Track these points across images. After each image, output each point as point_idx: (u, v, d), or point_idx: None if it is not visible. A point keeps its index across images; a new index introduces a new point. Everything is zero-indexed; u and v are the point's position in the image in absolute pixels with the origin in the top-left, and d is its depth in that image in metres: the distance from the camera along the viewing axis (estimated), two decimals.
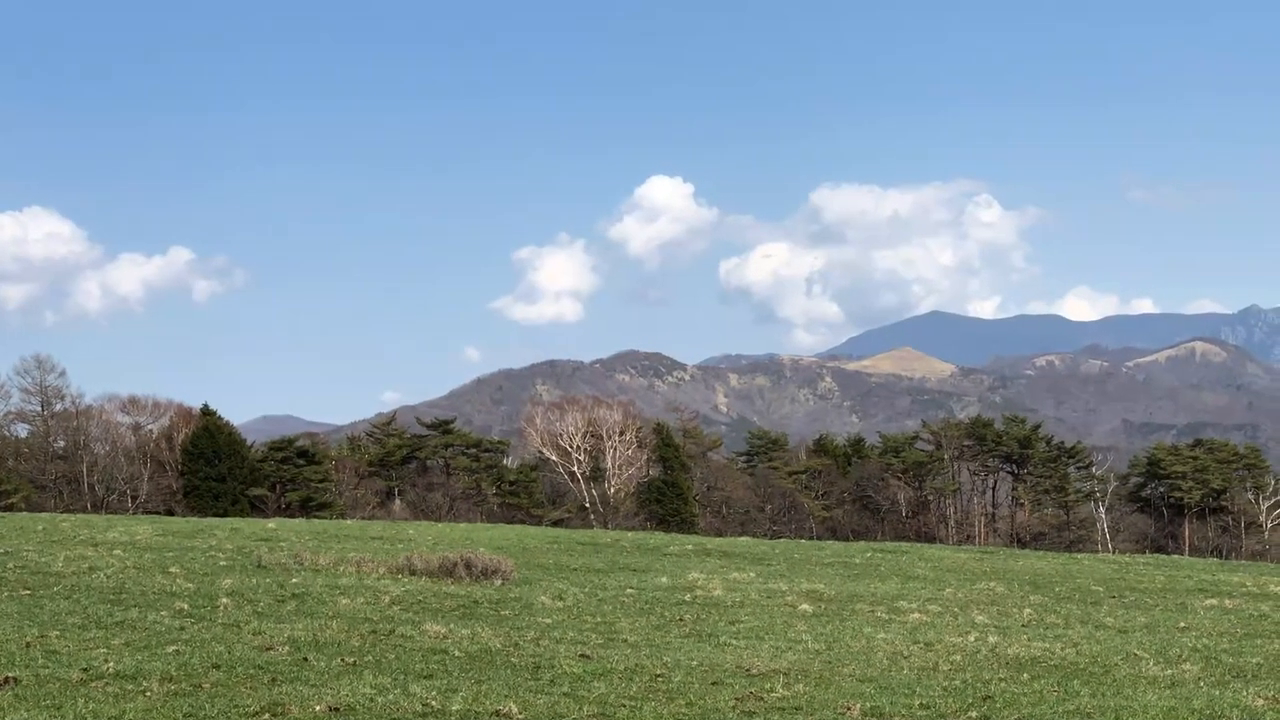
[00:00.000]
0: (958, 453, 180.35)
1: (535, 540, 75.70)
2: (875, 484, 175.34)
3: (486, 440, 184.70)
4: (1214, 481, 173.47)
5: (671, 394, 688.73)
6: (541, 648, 31.30)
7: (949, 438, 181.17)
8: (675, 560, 64.52)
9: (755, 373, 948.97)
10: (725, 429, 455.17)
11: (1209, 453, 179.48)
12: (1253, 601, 53.27)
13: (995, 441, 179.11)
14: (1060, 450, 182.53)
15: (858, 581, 55.35)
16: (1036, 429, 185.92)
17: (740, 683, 27.11)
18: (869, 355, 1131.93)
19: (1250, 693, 27.43)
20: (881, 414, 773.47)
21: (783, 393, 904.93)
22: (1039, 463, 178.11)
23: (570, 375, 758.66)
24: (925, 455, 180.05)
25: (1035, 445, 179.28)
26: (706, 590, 47.50)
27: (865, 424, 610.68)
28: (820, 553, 76.61)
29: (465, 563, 47.72)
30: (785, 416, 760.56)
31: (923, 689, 27.06)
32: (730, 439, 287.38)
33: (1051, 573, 67.02)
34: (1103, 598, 52.85)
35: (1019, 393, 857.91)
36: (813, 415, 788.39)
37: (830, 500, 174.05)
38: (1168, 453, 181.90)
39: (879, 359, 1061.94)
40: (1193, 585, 62.13)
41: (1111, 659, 32.87)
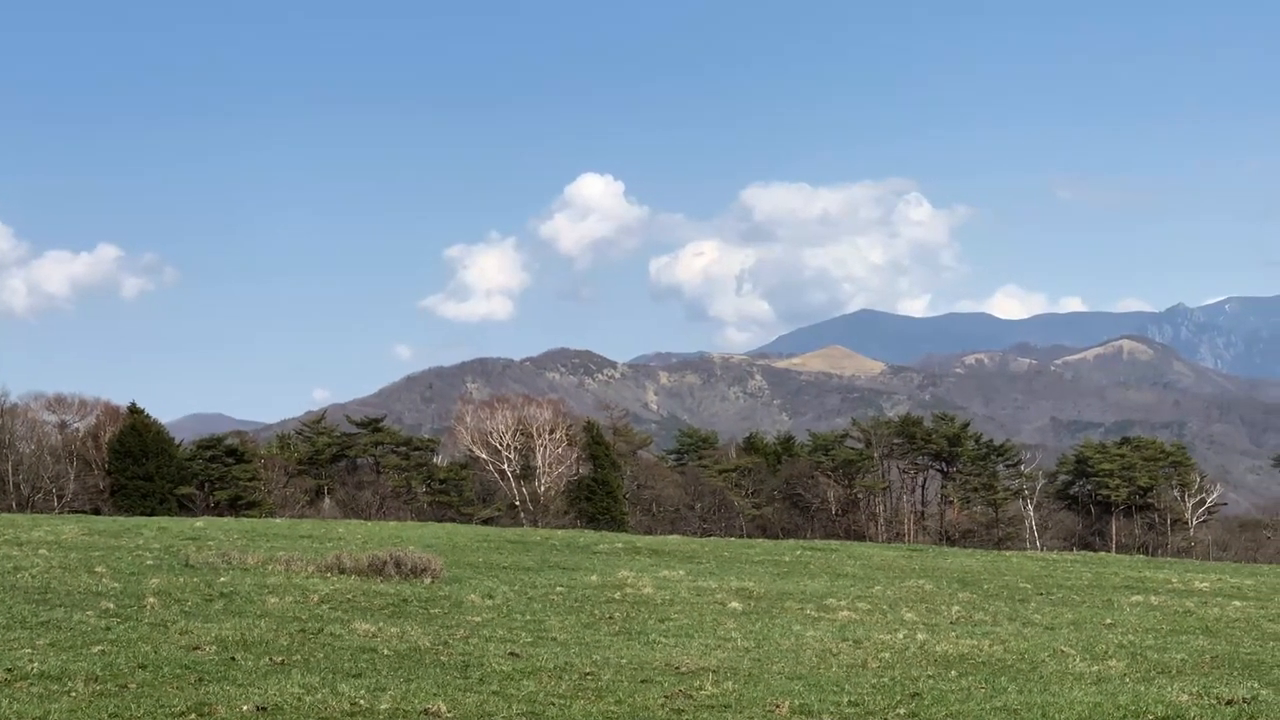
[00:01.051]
0: (887, 451, 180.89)
1: (465, 538, 75.53)
2: (805, 482, 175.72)
3: (416, 438, 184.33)
4: (1141, 479, 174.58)
5: (602, 392, 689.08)
6: (471, 646, 31.26)
7: (878, 436, 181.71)
8: (605, 558, 64.48)
9: (685, 371, 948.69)
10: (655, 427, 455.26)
11: (1136, 451, 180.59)
12: (1178, 598, 53.63)
13: (924, 440, 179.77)
14: (989, 448, 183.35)
15: (787, 579, 55.43)
16: (965, 427, 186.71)
17: (669, 680, 27.12)
18: (799, 353, 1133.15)
19: (1175, 688, 27.61)
20: (811, 412, 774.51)
21: (713, 391, 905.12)
22: (968, 461, 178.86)
23: (501, 373, 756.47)
24: (855, 453, 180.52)
25: (964, 443, 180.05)
26: (636, 588, 47.47)
27: (795, 422, 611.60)
28: (750, 551, 76.69)
29: (395, 561, 47.55)
30: (715, 415, 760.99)
31: (851, 686, 27.12)
32: (660, 437, 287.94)
33: (980, 570, 67.30)
34: (1030, 595, 53.10)
35: (948, 391, 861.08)
36: (743, 413, 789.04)
37: (760, 498, 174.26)
38: (1095, 451, 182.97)
39: (809, 357, 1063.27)
40: (1119, 582, 62.51)
41: (1039, 655, 33.04)
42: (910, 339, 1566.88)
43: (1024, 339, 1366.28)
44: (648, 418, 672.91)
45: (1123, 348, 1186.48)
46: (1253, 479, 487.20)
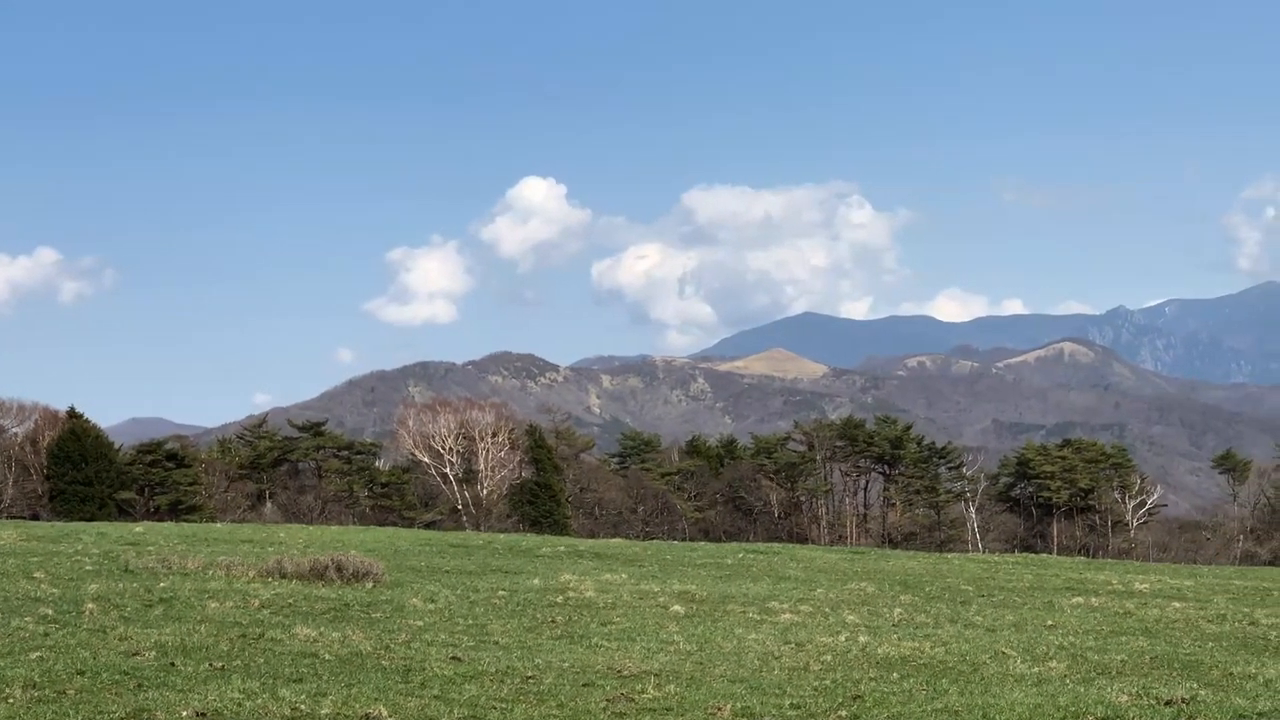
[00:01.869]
0: (830, 454, 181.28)
1: (407, 542, 75.40)
2: (748, 485, 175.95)
3: (358, 442, 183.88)
4: (1082, 481, 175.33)
5: (544, 395, 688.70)
6: (413, 650, 31.16)
7: (821, 439, 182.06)
8: (547, 562, 64.42)
9: (628, 374, 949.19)
10: (598, 430, 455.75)
11: (1077, 453, 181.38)
12: (1118, 599, 53.87)
13: (867, 442, 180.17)
14: (931, 451, 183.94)
15: (730, 582, 55.46)
16: (908, 429, 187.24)
17: (611, 684, 27.09)
18: (742, 356, 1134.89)
19: (1115, 689, 27.75)
20: (754, 415, 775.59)
21: (655, 394, 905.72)
22: (910, 463, 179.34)
23: (443, 377, 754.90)
24: (797, 456, 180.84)
25: (906, 446, 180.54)
26: (579, 592, 47.43)
27: (738, 425, 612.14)
28: (693, 554, 76.74)
29: (336, 565, 47.40)
30: (658, 418, 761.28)
31: (793, 689, 27.15)
32: (603, 440, 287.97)
33: (922, 572, 67.47)
34: (972, 597, 53.26)
35: (890, 393, 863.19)
36: (685, 416, 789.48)
37: (703, 501, 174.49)
38: (1037, 453, 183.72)
39: (751, 360, 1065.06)
40: (1060, 584, 62.76)
41: (980, 657, 33.11)
42: (853, 342, 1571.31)
43: (966, 341, 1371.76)
44: (590, 421, 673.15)
45: (1064, 350, 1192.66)
46: (1192, 480, 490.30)
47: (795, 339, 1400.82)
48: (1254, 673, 31.37)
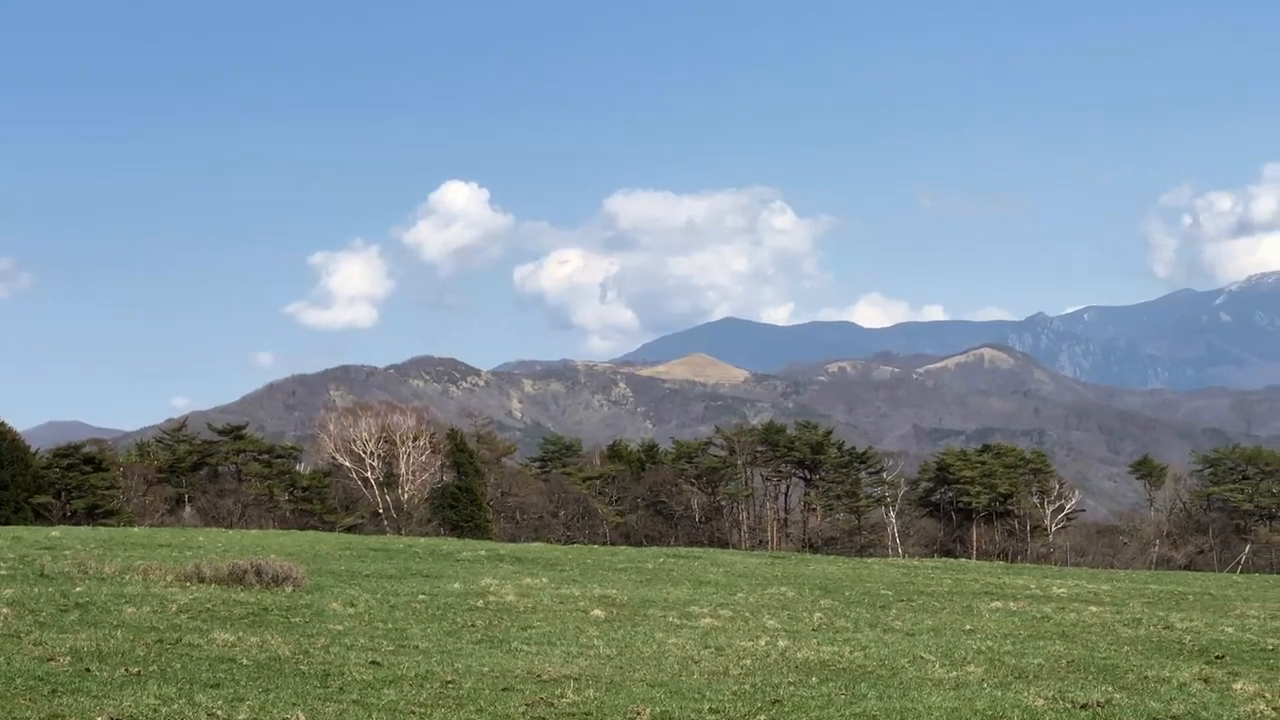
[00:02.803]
0: (751, 458, 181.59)
1: (327, 546, 75.09)
2: (669, 489, 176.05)
3: (279, 446, 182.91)
4: (1001, 486, 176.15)
5: (466, 400, 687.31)
6: (332, 655, 31.01)
7: (742, 443, 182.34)
8: (468, 566, 64.27)
9: (550, 379, 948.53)
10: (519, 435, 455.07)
11: (996, 458, 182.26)
12: (1036, 604, 54.20)
13: (788, 447, 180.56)
14: (852, 456, 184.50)
15: (650, 587, 55.48)
16: (828, 435, 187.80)
17: (531, 688, 27.06)
18: (663, 361, 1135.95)
19: (1031, 693, 27.94)
20: (675, 420, 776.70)
21: (577, 399, 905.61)
22: (831, 468, 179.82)
23: (364, 381, 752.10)
24: (718, 461, 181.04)
25: (827, 451, 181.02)
26: (499, 596, 47.33)
27: (659, 430, 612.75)
28: (613, 558, 76.74)
29: (256, 569, 47.11)
30: (579, 422, 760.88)
31: (713, 693, 27.18)
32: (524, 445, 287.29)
33: (842, 577, 67.68)
34: (891, 601, 53.44)
35: (811, 399, 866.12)
36: (607, 421, 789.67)
37: (624, 506, 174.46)
38: (956, 458, 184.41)
39: (673, 365, 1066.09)
40: (979, 588, 63.08)
41: (898, 661, 33.23)
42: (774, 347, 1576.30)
43: (886, 347, 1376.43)
44: (512, 425, 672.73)
45: (984, 356, 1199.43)
46: (1110, 485, 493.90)
47: (717, 344, 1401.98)
48: (1168, 676, 31.62)
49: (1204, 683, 30.67)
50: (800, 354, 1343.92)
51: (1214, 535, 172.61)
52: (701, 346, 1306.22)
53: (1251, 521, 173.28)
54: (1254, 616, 51.96)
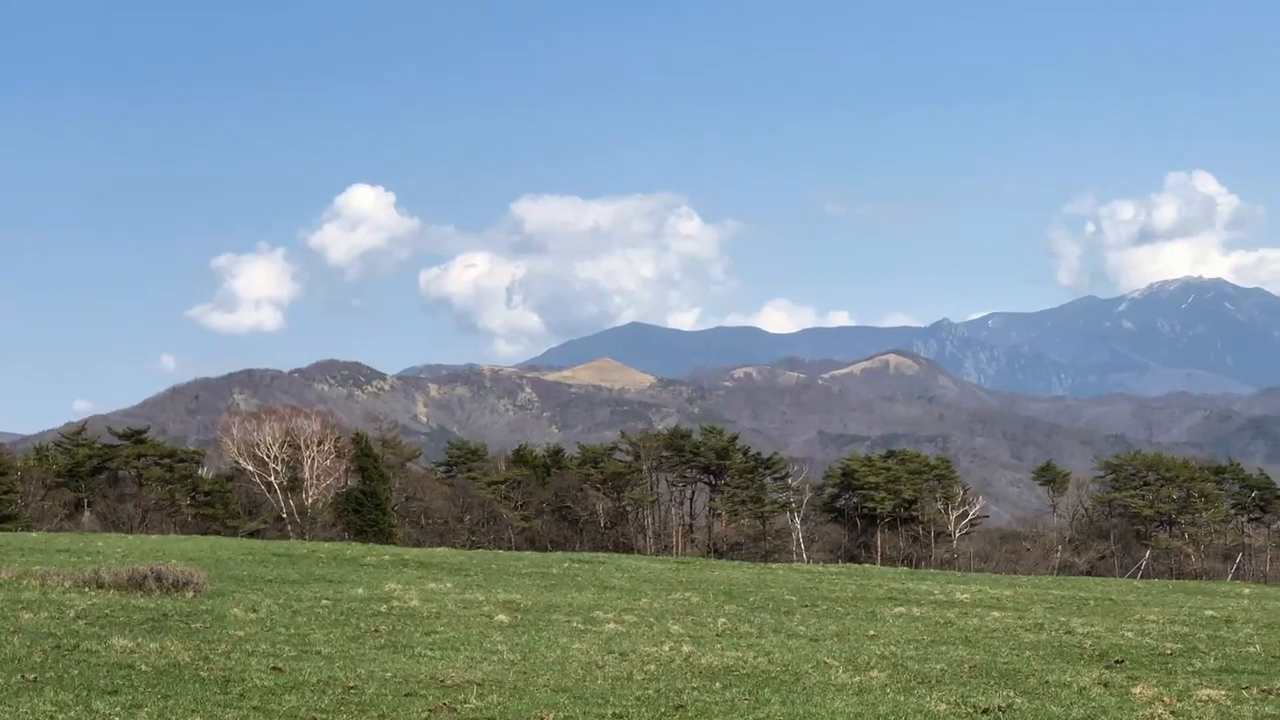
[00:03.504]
0: (656, 463, 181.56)
1: (229, 551, 74.54)
2: (574, 494, 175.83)
3: (181, 450, 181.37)
4: (905, 492, 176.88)
5: (371, 404, 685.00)
6: (233, 661, 30.79)
7: (647, 448, 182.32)
8: (372, 571, 63.99)
9: (455, 383, 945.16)
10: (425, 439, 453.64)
11: (901, 464, 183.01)
12: (939, 609, 54.42)
13: (693, 452, 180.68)
14: (757, 461, 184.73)
15: (555, 592, 55.39)
16: (734, 440, 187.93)
17: (434, 694, 26.96)
18: (569, 366, 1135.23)
19: (934, 698, 28.07)
20: (581, 424, 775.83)
21: (483, 403, 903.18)
22: (736, 473, 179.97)
23: (269, 384, 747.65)
24: (624, 466, 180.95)
25: (732, 456, 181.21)
26: (403, 601, 47.16)
27: (565, 434, 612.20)
28: (518, 563, 76.59)
29: (156, 575, 46.70)
30: (485, 427, 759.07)
31: (616, 698, 27.15)
32: (430, 449, 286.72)
33: (746, 582, 67.74)
34: (796, 607, 53.52)
35: (717, 404, 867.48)
36: (513, 425, 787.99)
37: (529, 510, 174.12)
38: (861, 464, 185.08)
39: (579, 370, 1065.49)
40: (883, 594, 63.27)
41: (802, 667, 33.29)
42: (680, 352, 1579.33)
43: (792, 353, 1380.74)
44: (417, 430, 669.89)
45: (889, 362, 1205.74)
46: (1013, 492, 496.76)
47: (623, 349, 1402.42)
48: (1069, 681, 31.83)
49: (1104, 687, 30.89)
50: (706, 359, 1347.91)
51: (1115, 541, 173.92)
52: (608, 351, 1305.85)
53: (1152, 527, 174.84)
54: (1154, 621, 52.37)
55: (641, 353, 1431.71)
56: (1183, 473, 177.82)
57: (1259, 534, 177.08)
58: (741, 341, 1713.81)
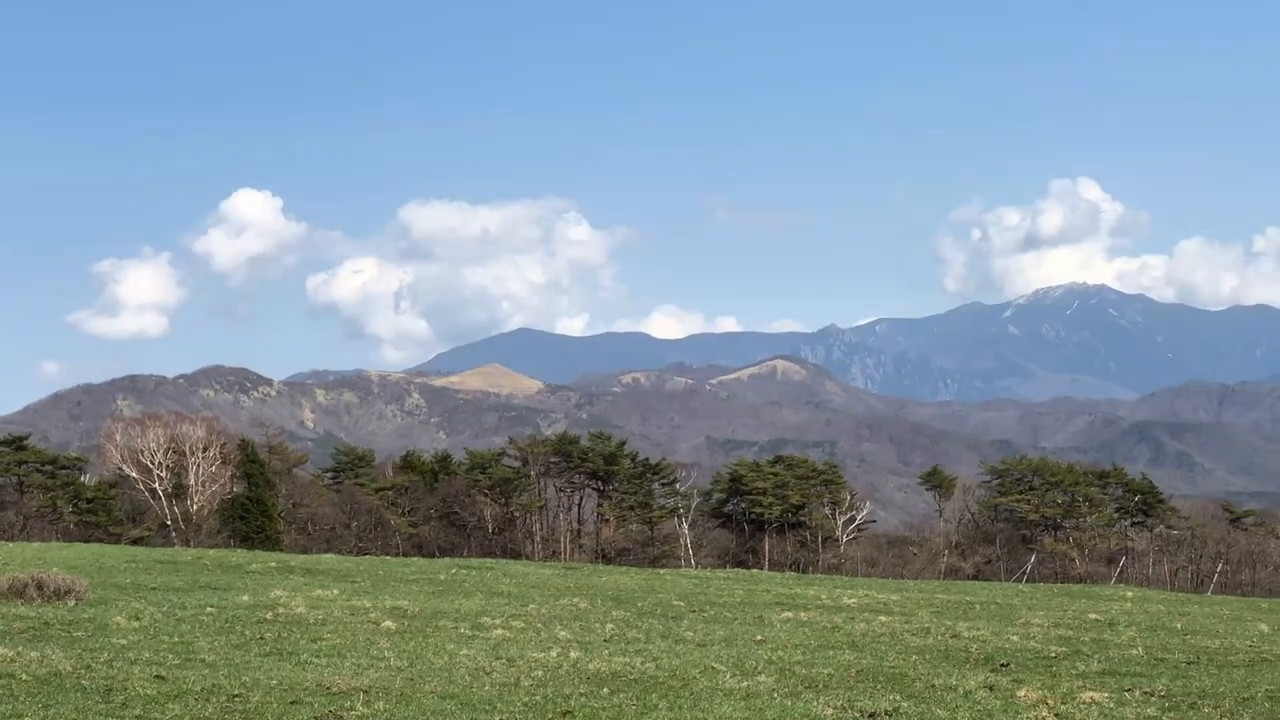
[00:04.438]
0: (544, 469, 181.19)
1: (113, 559, 73.82)
2: (462, 500, 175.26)
3: (63, 456, 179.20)
4: (793, 497, 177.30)
5: (257, 410, 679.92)
6: (115, 669, 30.44)
7: (535, 454, 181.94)
8: (258, 578, 63.55)
9: (343, 389, 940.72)
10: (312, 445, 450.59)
11: (789, 469, 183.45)
12: (826, 614, 54.64)
13: (581, 458, 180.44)
14: (645, 467, 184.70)
15: (442, 598, 55.20)
16: (622, 445, 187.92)
17: (320, 701, 26.77)
18: (457, 372, 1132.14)
19: (821, 702, 28.15)
20: (469, 430, 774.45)
21: (370, 409, 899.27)
22: (624, 479, 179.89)
23: (153, 391, 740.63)
24: (512, 472, 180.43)
25: (620, 462, 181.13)
26: (289, 608, 46.84)
27: (453, 440, 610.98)
28: (405, 569, 76.32)
29: (36, 583, 46.17)
30: (373, 433, 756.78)
31: (504, 704, 27.07)
32: (317, 455, 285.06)
33: (634, 588, 67.80)
34: (684, 612, 53.58)
35: (605, 409, 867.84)
36: (400, 431, 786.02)
37: (417, 517, 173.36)
38: (749, 469, 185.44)
39: (467, 375, 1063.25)
40: (770, 599, 63.48)
41: (690, 672, 33.29)
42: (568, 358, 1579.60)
43: (680, 358, 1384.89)
44: (304, 435, 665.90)
45: (776, 367, 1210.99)
46: (900, 496, 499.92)
47: (511, 355, 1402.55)
48: (955, 684, 32.02)
49: (989, 690, 31.10)
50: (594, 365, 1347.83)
51: (1001, 545, 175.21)
52: (496, 357, 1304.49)
53: (1037, 531, 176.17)
54: (1038, 625, 52.83)
55: (530, 358, 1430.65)
56: (1067, 477, 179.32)
57: (1142, 538, 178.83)
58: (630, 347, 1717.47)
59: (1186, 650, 44.30)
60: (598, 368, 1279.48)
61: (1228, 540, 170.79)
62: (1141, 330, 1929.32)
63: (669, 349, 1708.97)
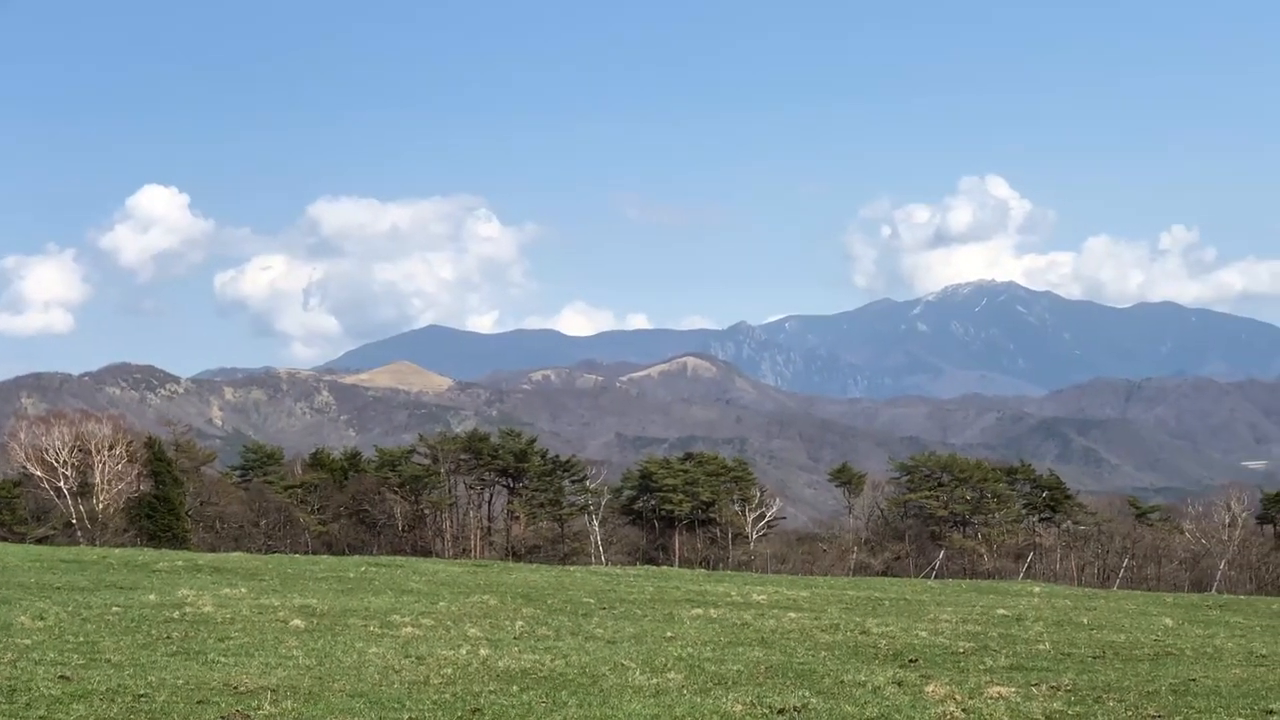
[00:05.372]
0: (454, 466, 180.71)
1: (16, 559, 73.08)
2: (371, 498, 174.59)
3: None
4: (703, 494, 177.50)
5: (165, 407, 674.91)
6: (19, 670, 30.12)
7: (445, 452, 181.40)
8: (165, 577, 63.07)
9: (251, 386, 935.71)
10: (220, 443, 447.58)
11: (699, 466, 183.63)
12: (736, 610, 54.76)
13: (491, 455, 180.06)
14: (555, 464, 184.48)
15: (351, 596, 54.96)
16: (532, 442, 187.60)
17: (227, 700, 26.59)
18: (367, 369, 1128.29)
19: (730, 699, 28.19)
20: (379, 428, 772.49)
21: (279, 406, 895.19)
22: (534, 476, 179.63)
23: (58, 388, 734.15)
24: (422, 469, 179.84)
25: (531, 459, 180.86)
26: (196, 607, 46.49)
27: (363, 438, 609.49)
28: (314, 567, 75.93)
29: None
30: (282, 430, 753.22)
31: (413, 703, 26.97)
32: (225, 453, 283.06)
33: (544, 585, 67.74)
34: (594, 609, 53.57)
35: (516, 407, 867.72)
36: (310, 429, 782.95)
37: (326, 514, 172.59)
38: (659, 466, 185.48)
39: (377, 373, 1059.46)
40: (680, 596, 63.55)
41: (600, 669, 33.29)
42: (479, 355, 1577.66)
43: (591, 356, 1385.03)
44: (212, 433, 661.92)
45: (687, 364, 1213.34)
46: (810, 493, 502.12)
47: (421, 352, 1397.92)
48: (864, 680, 32.15)
49: (898, 686, 31.25)
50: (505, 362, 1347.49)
51: (910, 541, 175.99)
52: (406, 354, 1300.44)
53: (946, 527, 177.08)
54: (947, 620, 53.15)
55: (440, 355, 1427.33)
56: (976, 474, 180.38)
57: (1049, 534, 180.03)
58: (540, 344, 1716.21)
59: (1093, 645, 44.71)
60: (508, 365, 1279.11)
61: (1134, 535, 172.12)
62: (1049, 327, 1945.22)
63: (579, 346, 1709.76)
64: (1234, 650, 45.27)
